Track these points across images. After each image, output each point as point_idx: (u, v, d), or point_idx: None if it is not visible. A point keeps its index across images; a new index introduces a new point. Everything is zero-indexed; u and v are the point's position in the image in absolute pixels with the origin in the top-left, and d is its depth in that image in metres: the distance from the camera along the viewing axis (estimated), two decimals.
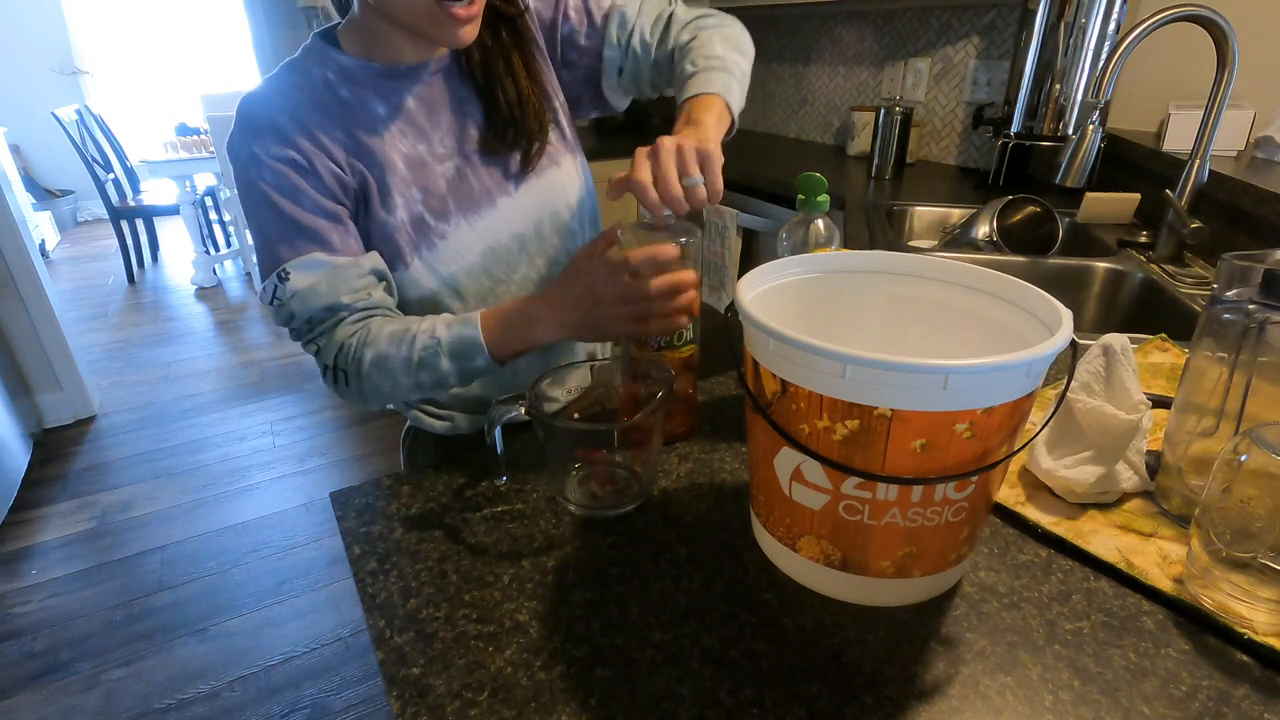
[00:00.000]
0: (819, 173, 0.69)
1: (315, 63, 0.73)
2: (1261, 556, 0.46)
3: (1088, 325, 1.26)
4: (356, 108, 0.72)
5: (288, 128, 0.69)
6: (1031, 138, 1.68)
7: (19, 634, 1.65)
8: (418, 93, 0.75)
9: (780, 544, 0.53)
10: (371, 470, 2.29)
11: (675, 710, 0.43)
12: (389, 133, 0.73)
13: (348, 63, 0.72)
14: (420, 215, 0.74)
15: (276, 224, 0.69)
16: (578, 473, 0.64)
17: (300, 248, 0.69)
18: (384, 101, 0.74)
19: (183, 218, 3.78)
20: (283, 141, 0.68)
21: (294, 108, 0.70)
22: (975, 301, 0.55)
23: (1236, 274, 0.53)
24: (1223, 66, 1.06)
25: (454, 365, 0.69)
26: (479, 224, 0.78)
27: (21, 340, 2.37)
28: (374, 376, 0.70)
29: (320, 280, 0.69)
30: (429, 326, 0.70)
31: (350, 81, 0.72)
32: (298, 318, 0.70)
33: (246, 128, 0.69)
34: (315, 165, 0.69)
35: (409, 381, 0.70)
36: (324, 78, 0.72)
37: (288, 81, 0.72)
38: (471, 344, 0.68)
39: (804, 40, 2.53)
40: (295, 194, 0.69)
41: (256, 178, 0.68)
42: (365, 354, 0.69)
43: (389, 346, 0.69)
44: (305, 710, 1.46)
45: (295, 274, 0.68)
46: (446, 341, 0.68)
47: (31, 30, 4.68)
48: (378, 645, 0.49)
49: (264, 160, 0.68)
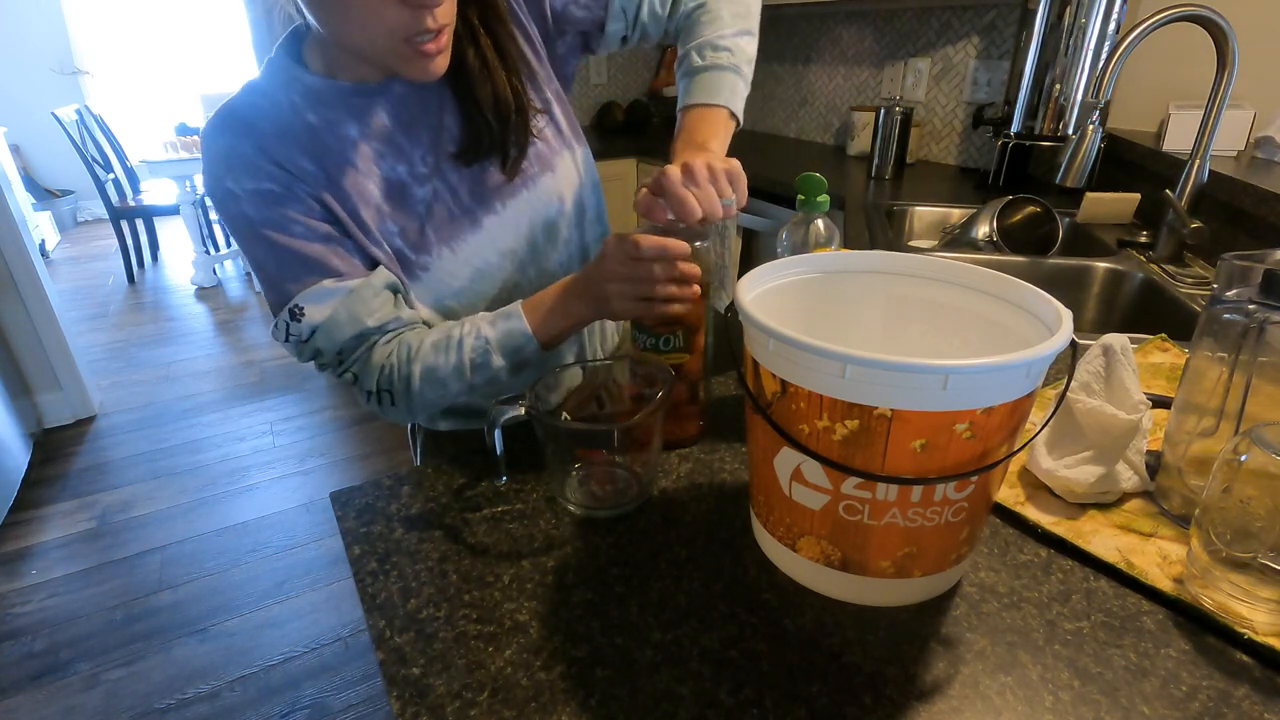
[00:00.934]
0: (819, 173, 0.69)
1: (280, 84, 0.68)
2: (1261, 556, 0.46)
3: (1088, 325, 1.26)
4: (325, 134, 0.67)
5: (257, 159, 0.65)
6: (1031, 138, 1.68)
7: (19, 634, 1.65)
8: (391, 110, 0.70)
9: (780, 544, 0.53)
10: (371, 470, 2.29)
11: (675, 710, 0.43)
12: (363, 158, 0.68)
13: (314, 83, 0.67)
14: (400, 249, 0.71)
15: (273, 259, 0.66)
16: (578, 473, 0.64)
17: (305, 280, 0.66)
18: (356, 121, 0.68)
19: (183, 218, 3.78)
20: (254, 173, 0.64)
21: (260, 137, 0.65)
22: (975, 301, 0.55)
23: (1236, 274, 0.53)
24: (1223, 66, 1.06)
25: (506, 360, 0.68)
26: (463, 250, 0.73)
27: (21, 340, 2.37)
28: (425, 391, 0.68)
29: (338, 309, 0.66)
30: (472, 329, 0.68)
31: (318, 104, 0.67)
32: (325, 353, 0.68)
33: (215, 161, 0.65)
34: (295, 192, 0.66)
35: (460, 386, 0.69)
36: (289, 101, 0.67)
37: (251, 109, 0.67)
38: (520, 335, 0.67)
39: (804, 40, 2.53)
40: (283, 224, 0.65)
41: (238, 213, 0.65)
42: (413, 370, 0.68)
43: (435, 357, 0.68)
44: (305, 710, 1.46)
45: (309, 307, 0.66)
46: (495, 339, 0.67)
47: (31, 30, 4.68)
48: (378, 645, 0.49)
49: (240, 195, 0.64)
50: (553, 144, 0.78)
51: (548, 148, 0.77)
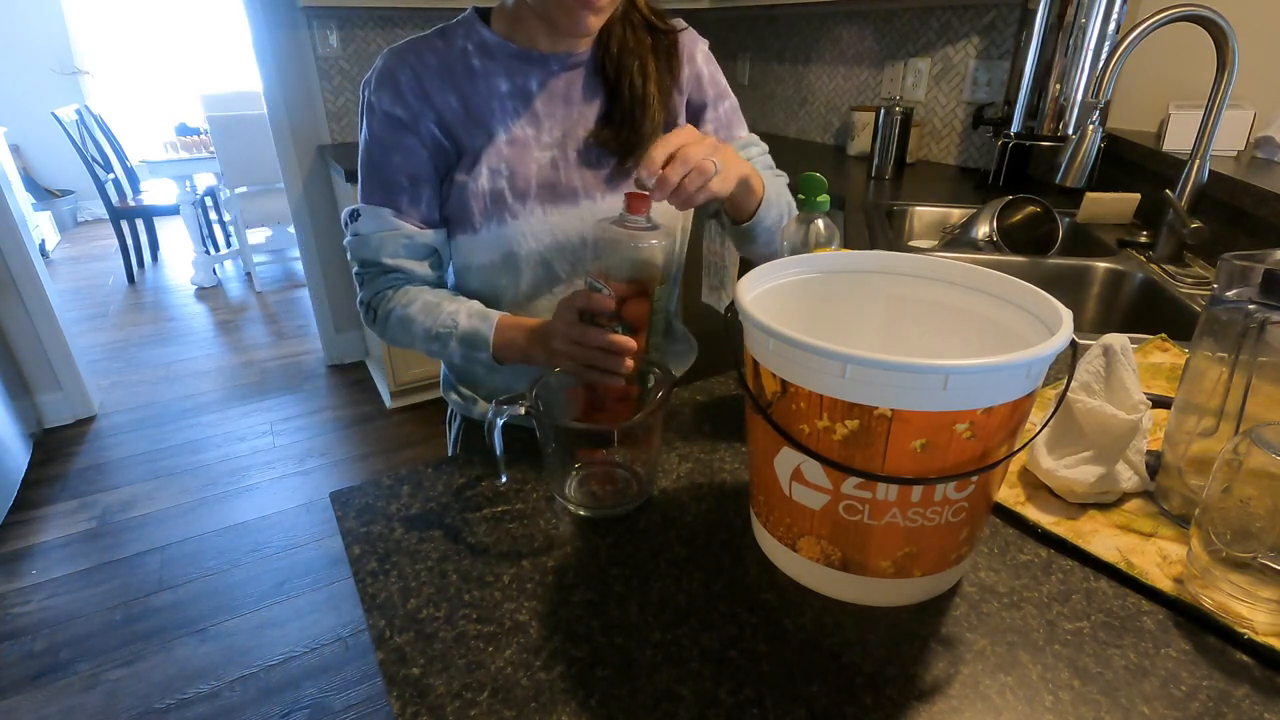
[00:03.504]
0: (819, 173, 0.69)
1: (462, 33, 0.79)
2: (1261, 556, 0.46)
3: (1088, 325, 1.26)
4: (481, 79, 0.78)
5: (406, 86, 0.76)
6: (1031, 138, 1.68)
7: (19, 634, 1.65)
8: (542, 80, 0.80)
9: (780, 544, 0.53)
10: (371, 470, 2.29)
11: (675, 710, 0.43)
12: (502, 109, 0.79)
13: (489, 38, 0.79)
14: (501, 190, 0.78)
15: (368, 166, 0.79)
16: (578, 473, 0.64)
17: (375, 196, 0.78)
18: (509, 80, 0.79)
19: (183, 218, 3.78)
20: (396, 98, 0.76)
21: (422, 68, 0.76)
22: (975, 301, 0.55)
23: (1236, 274, 0.53)
24: (1223, 66, 1.06)
25: (460, 349, 0.77)
26: (554, 215, 0.80)
27: (21, 340, 2.37)
28: (396, 329, 0.80)
29: (374, 235, 0.79)
30: (455, 309, 0.78)
31: (485, 55, 0.79)
32: (353, 253, 0.81)
33: (375, 74, 0.77)
34: (418, 127, 0.77)
35: (422, 346, 0.80)
36: (463, 47, 0.79)
37: (428, 44, 0.78)
38: (482, 341, 0.76)
39: (804, 40, 2.53)
40: (389, 150, 0.77)
41: (367, 122, 0.78)
42: (396, 309, 0.79)
43: (418, 312, 0.78)
44: (305, 710, 1.46)
45: (364, 218, 0.79)
46: (462, 329, 0.77)
47: (31, 30, 4.68)
48: (378, 645, 0.49)
49: (376, 109, 0.77)
50: None
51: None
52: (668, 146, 0.62)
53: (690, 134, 0.64)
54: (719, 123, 0.89)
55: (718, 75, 0.90)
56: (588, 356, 0.64)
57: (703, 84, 0.88)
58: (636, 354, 0.65)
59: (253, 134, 3.26)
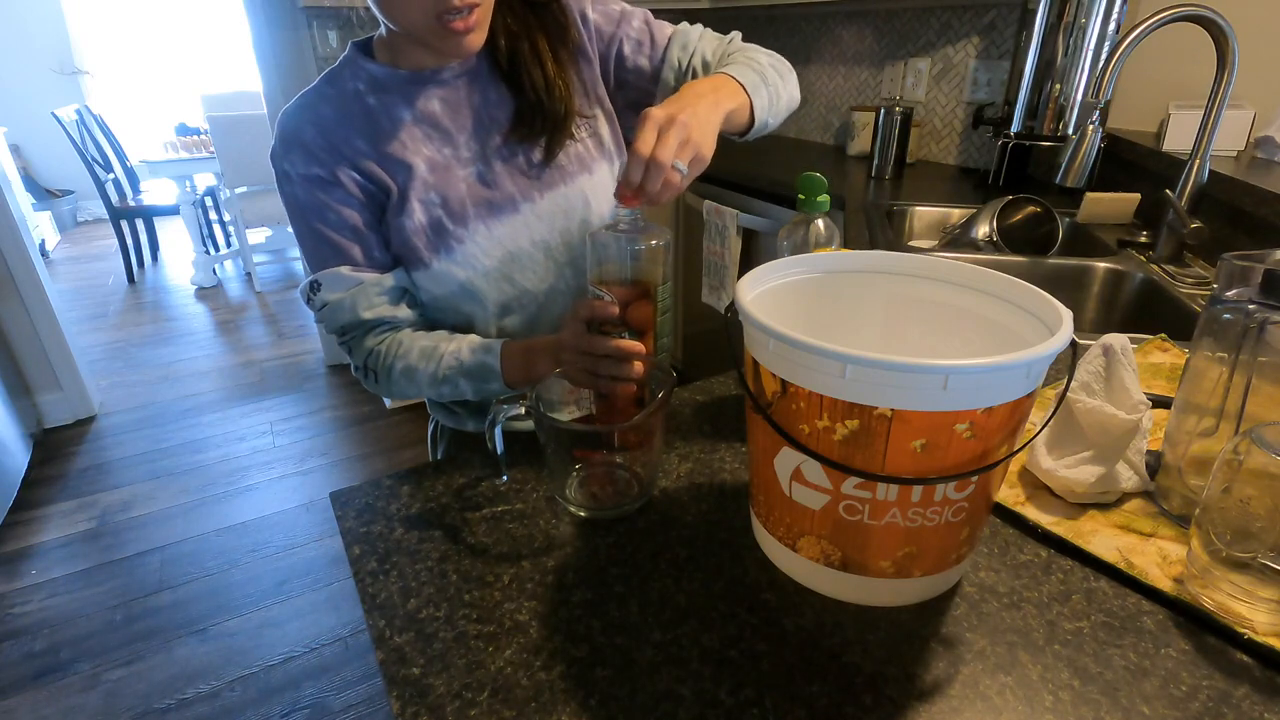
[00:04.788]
0: (819, 173, 0.69)
1: (349, 74, 0.76)
2: (1261, 556, 0.46)
3: (1088, 325, 1.26)
4: (381, 115, 0.75)
5: (314, 144, 0.73)
6: (1031, 138, 1.68)
7: (19, 634, 1.65)
8: (442, 95, 0.77)
9: (780, 544, 0.53)
10: (371, 470, 2.29)
11: (675, 710, 0.43)
12: (412, 138, 0.76)
13: (376, 71, 0.76)
14: (439, 219, 0.76)
15: (309, 237, 0.76)
16: (578, 473, 0.64)
17: (328, 261, 0.76)
18: (408, 107, 0.76)
19: (183, 218, 3.78)
20: (309, 159, 0.73)
21: (322, 121, 0.74)
22: (975, 301, 0.55)
23: (1236, 274, 0.53)
24: (1223, 66, 1.06)
25: (471, 385, 0.76)
26: (498, 230, 0.78)
27: (21, 340, 2.37)
28: (401, 383, 0.77)
29: (345, 296, 0.76)
30: (456, 348, 0.76)
31: (377, 90, 0.76)
32: (328, 325, 0.79)
33: (279, 143, 0.74)
34: (340, 179, 0.74)
35: (431, 391, 0.78)
36: (354, 89, 0.76)
37: (319, 95, 0.76)
38: (489, 371, 0.75)
39: (804, 40, 2.53)
40: (321, 211, 0.75)
41: (289, 192, 0.75)
42: (396, 364, 0.76)
43: (418, 360, 0.76)
44: (305, 710, 1.46)
45: (325, 287, 0.76)
46: (468, 364, 0.75)
47: (31, 30, 4.68)
48: (378, 645, 0.49)
49: (293, 177, 0.74)
50: (593, 151, 0.82)
51: (588, 153, 0.82)
52: (639, 160, 0.60)
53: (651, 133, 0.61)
54: (638, 44, 0.83)
55: (610, 5, 0.84)
56: (596, 365, 0.64)
57: (602, 27, 0.82)
58: (644, 357, 0.65)
59: (253, 134, 3.26)
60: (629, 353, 0.64)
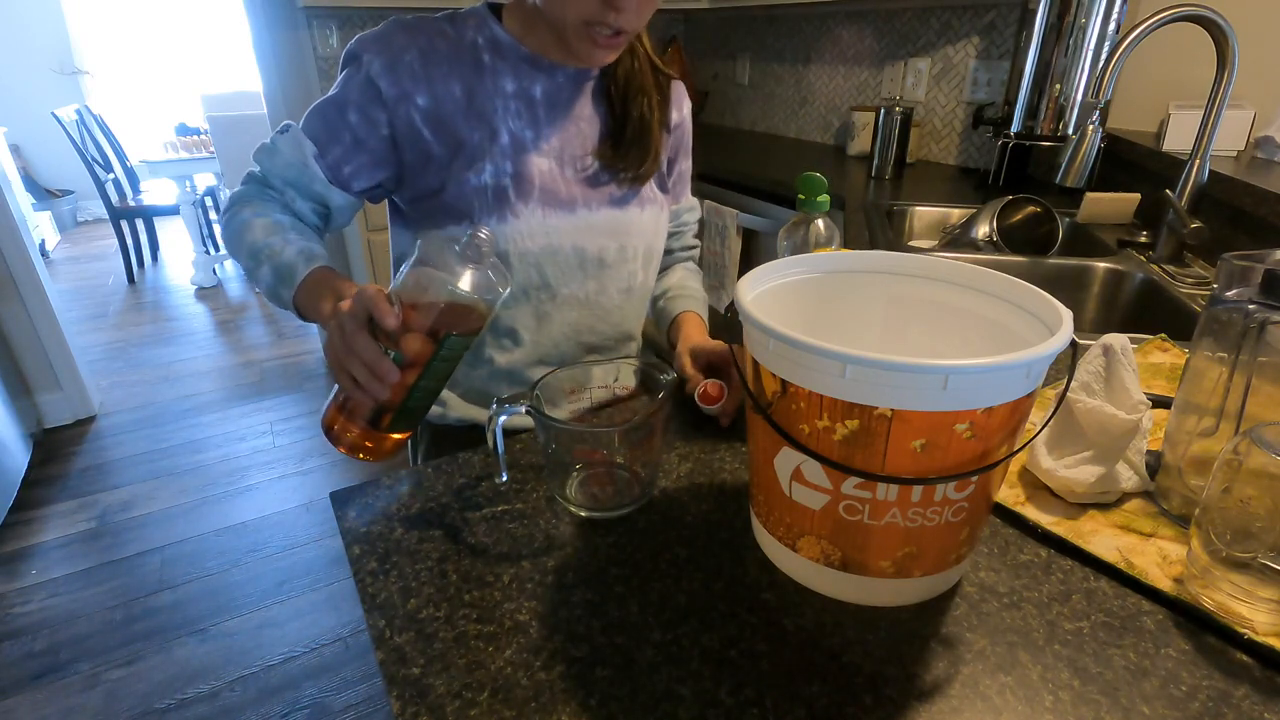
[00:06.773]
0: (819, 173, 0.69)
1: (474, 24, 0.80)
2: (1261, 556, 0.46)
3: (1088, 325, 1.26)
4: (488, 74, 0.79)
5: (408, 65, 0.75)
6: (1031, 138, 1.68)
7: (19, 634, 1.65)
8: (546, 87, 0.81)
9: (780, 544, 0.53)
10: (371, 470, 2.29)
11: (675, 710, 0.43)
12: (505, 108, 0.79)
13: (501, 36, 0.79)
14: (505, 187, 0.78)
15: (325, 106, 0.77)
16: (578, 473, 0.64)
17: (313, 130, 0.78)
18: (515, 81, 0.80)
19: (183, 218, 3.78)
20: (391, 72, 0.75)
21: (431, 51, 0.76)
22: (975, 301, 0.55)
23: (1236, 274, 0.53)
24: (1223, 66, 1.06)
25: (272, 276, 0.74)
26: (552, 219, 0.81)
27: (21, 340, 2.37)
28: (233, 233, 0.78)
29: (284, 156, 0.78)
30: (290, 239, 0.75)
31: (495, 53, 0.79)
32: (254, 155, 0.81)
33: (377, 39, 0.76)
34: (397, 108, 0.76)
35: (245, 257, 0.77)
36: (474, 39, 0.79)
37: (438, 29, 0.78)
38: (291, 277, 0.73)
39: (804, 40, 2.53)
40: (353, 106, 0.76)
41: (349, 74, 0.77)
42: (246, 215, 0.77)
43: (259, 227, 0.76)
44: (305, 710, 1.46)
45: (287, 138, 0.78)
46: (283, 258, 0.74)
47: (31, 30, 4.68)
48: (378, 645, 0.49)
49: (363, 68, 0.75)
50: (654, 192, 0.90)
51: (651, 194, 0.89)
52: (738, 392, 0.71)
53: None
54: (678, 179, 0.96)
55: (689, 136, 0.95)
56: (348, 359, 0.60)
57: (681, 137, 0.93)
58: (395, 388, 0.61)
59: (253, 134, 3.26)
60: (379, 374, 0.59)
